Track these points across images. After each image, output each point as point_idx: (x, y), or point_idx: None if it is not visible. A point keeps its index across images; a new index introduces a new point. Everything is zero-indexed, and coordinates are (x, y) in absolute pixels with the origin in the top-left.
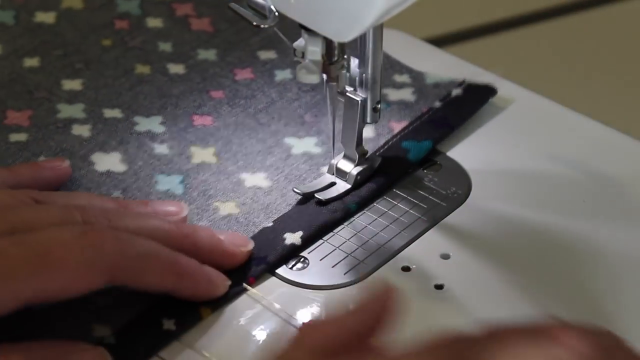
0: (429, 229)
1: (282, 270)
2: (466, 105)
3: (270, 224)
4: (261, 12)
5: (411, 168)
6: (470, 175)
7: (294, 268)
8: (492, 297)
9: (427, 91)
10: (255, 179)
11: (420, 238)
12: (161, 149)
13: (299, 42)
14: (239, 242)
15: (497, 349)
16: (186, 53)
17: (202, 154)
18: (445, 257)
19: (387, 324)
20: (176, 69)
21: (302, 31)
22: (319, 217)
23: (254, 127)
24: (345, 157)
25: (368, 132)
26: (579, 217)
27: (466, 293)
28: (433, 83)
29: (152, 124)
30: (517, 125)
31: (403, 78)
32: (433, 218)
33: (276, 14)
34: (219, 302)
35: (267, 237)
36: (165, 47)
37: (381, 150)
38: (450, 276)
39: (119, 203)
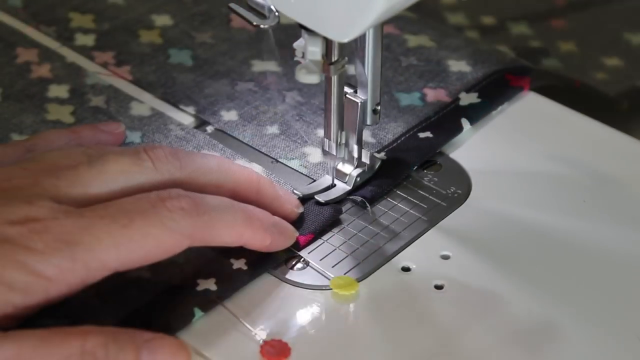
0: (429, 229)
1: (282, 271)
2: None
3: None
4: (261, 12)
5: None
6: (470, 175)
7: (294, 268)
8: (492, 297)
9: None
10: None
11: (420, 238)
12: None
13: (299, 42)
14: (294, 202)
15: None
16: None
17: None
18: (445, 257)
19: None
20: None
21: (302, 31)
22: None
23: None
24: (345, 158)
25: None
26: (579, 217)
27: (466, 293)
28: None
29: None
30: (517, 125)
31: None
32: (433, 218)
33: (276, 14)
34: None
35: None
36: None
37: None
38: (450, 276)
39: (74, 131)
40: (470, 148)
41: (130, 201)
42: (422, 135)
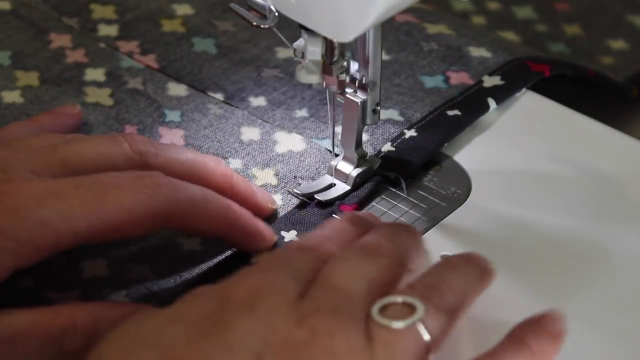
0: (429, 229)
1: None
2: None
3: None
4: (261, 12)
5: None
6: (470, 175)
7: None
8: (492, 297)
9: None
10: None
11: None
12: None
13: (299, 42)
14: (268, 198)
15: None
16: None
17: None
18: (445, 257)
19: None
20: None
21: (302, 31)
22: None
23: None
24: (345, 158)
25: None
26: (579, 217)
27: None
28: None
29: None
30: (517, 125)
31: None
32: (433, 218)
33: (276, 14)
34: None
35: None
36: None
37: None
38: None
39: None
40: (470, 148)
41: (109, 175)
42: (450, 113)
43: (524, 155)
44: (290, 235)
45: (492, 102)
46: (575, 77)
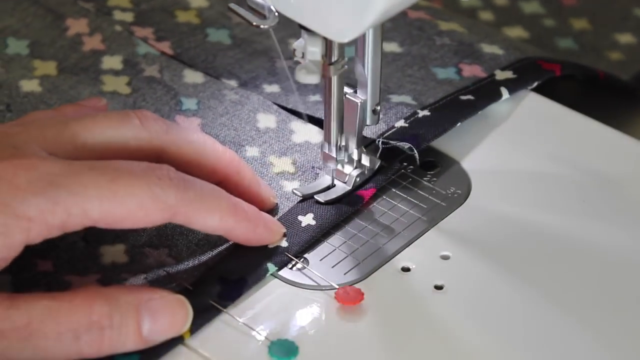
0: (429, 229)
1: (282, 271)
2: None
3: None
4: (261, 12)
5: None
6: (470, 175)
7: (294, 268)
8: (492, 297)
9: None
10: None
11: (420, 238)
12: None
13: (299, 42)
14: (270, 192)
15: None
16: None
17: None
18: (445, 257)
19: None
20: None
21: (302, 31)
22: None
23: None
24: (345, 158)
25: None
26: (579, 217)
27: (466, 293)
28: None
29: None
30: (517, 125)
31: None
32: (433, 218)
33: (276, 14)
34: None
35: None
36: None
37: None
38: (450, 276)
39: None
40: (470, 148)
41: (121, 162)
42: (463, 97)
43: (524, 155)
44: (307, 219)
45: (504, 92)
46: (584, 78)
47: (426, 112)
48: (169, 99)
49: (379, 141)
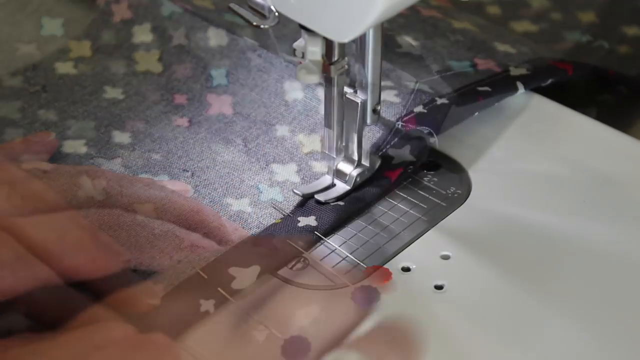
0: (429, 229)
1: (282, 271)
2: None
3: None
4: (261, 12)
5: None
6: (470, 175)
7: (294, 268)
8: (492, 296)
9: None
10: None
11: (420, 238)
12: None
13: (299, 42)
14: (241, 232)
15: None
16: None
17: None
18: (445, 257)
19: None
20: None
21: (302, 31)
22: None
23: None
24: (345, 158)
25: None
26: (579, 217)
27: (466, 293)
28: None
29: None
30: (517, 125)
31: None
32: (433, 218)
33: (276, 14)
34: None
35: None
36: None
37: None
38: (450, 276)
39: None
40: (470, 148)
41: (70, 215)
42: (480, 89)
43: (524, 155)
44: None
45: (520, 86)
46: (594, 77)
47: (444, 100)
48: (199, 74)
49: (398, 124)
